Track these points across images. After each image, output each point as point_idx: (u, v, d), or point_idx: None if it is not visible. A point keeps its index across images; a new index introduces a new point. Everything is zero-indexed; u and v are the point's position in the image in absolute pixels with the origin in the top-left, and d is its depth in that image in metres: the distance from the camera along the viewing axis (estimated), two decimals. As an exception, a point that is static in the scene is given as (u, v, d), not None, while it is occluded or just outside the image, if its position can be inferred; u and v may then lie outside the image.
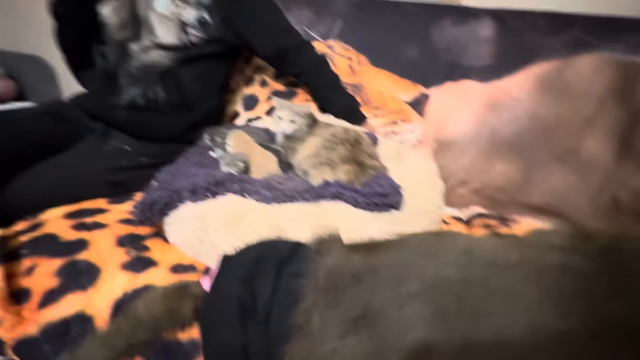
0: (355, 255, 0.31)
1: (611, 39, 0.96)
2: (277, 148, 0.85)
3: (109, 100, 0.79)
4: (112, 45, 0.81)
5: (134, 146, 0.81)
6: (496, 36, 1.02)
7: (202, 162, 0.76)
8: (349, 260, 0.30)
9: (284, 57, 0.93)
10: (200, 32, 0.83)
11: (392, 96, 1.05)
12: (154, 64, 0.81)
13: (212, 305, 0.35)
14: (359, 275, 0.28)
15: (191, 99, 0.86)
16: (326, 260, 0.31)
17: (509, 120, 0.99)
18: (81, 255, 0.57)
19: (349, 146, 0.72)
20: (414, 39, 1.05)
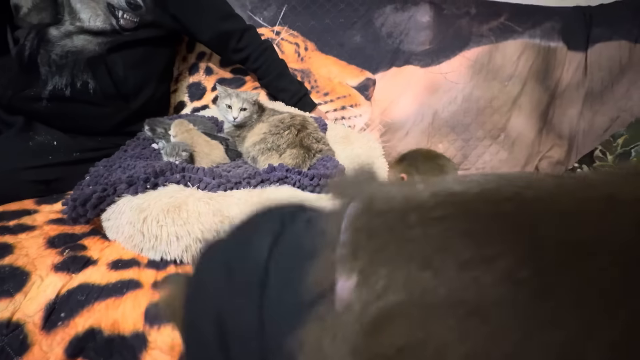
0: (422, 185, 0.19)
1: (531, 26, 1.06)
2: (225, 137, 0.84)
3: (28, 91, 0.71)
4: (25, 29, 0.72)
5: (63, 141, 0.74)
6: (433, 22, 1.07)
7: (141, 154, 0.72)
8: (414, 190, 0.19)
9: (227, 42, 0.90)
10: (131, 16, 0.78)
11: (339, 82, 1.07)
12: (79, 50, 0.74)
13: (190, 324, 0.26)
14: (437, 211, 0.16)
15: (127, 88, 0.80)
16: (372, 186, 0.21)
17: (447, 102, 1.07)
18: (4, 260, 0.52)
19: (295, 131, 0.73)
20: (358, 25, 1.07)
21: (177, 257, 0.53)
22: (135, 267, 0.53)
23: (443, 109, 1.07)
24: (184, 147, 0.67)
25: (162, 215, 0.52)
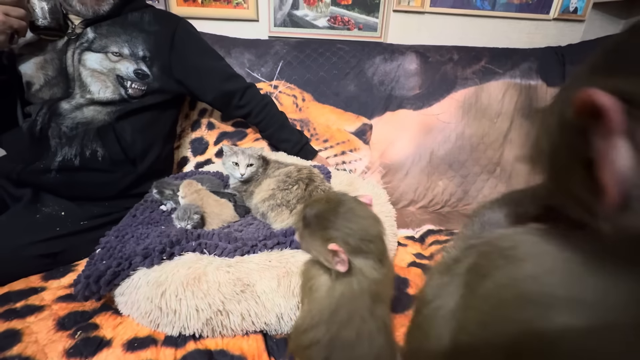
0: None
1: (510, 67, 1.15)
2: (232, 192, 0.85)
3: (38, 164, 0.72)
4: (37, 105, 0.74)
5: (71, 210, 0.74)
6: (420, 69, 1.15)
7: (152, 219, 0.72)
8: None
9: (230, 101, 0.95)
10: (139, 84, 0.81)
11: (338, 128, 1.11)
12: (89, 120, 0.76)
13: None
14: None
15: (134, 153, 0.82)
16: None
17: (442, 141, 1.11)
18: (12, 350, 0.49)
19: (304, 185, 0.74)
20: (351, 75, 1.14)
21: (196, 331, 0.52)
22: (152, 346, 0.51)
23: (439, 148, 1.12)
24: (195, 209, 0.68)
25: (181, 288, 0.51)
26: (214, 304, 0.50)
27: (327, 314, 0.37)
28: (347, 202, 0.38)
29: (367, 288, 0.37)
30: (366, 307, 0.37)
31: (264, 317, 0.52)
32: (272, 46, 1.15)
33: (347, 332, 0.37)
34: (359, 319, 0.37)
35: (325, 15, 1.26)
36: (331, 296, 0.38)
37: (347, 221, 0.37)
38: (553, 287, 0.16)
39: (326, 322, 0.37)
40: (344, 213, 0.37)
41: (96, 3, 0.77)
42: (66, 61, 0.77)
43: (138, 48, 0.82)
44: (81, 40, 0.78)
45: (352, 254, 0.37)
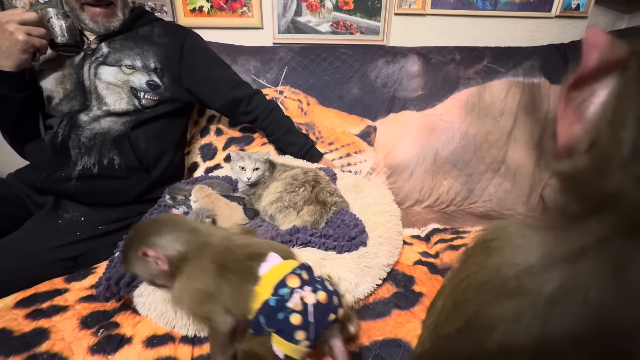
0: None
1: (512, 66, 1.16)
2: (241, 196, 0.88)
3: (59, 173, 0.76)
4: (58, 117, 0.79)
5: (90, 216, 0.78)
6: (423, 70, 1.17)
7: (166, 223, 0.75)
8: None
9: (237, 108, 0.98)
10: (151, 95, 0.85)
11: (342, 131, 1.14)
12: (106, 131, 0.80)
13: None
14: None
15: (148, 160, 0.85)
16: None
17: (446, 141, 1.13)
18: (41, 347, 0.53)
19: (310, 187, 0.77)
20: (354, 78, 1.16)
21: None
22: (170, 343, 0.54)
23: (443, 148, 1.13)
24: (207, 213, 0.71)
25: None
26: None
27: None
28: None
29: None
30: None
31: None
32: (276, 52, 1.19)
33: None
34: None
35: (327, 21, 1.29)
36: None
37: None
38: (511, 277, 0.16)
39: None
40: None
41: (107, 20, 0.82)
42: (83, 75, 0.81)
43: (149, 60, 0.86)
44: (96, 55, 0.83)
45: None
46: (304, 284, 0.42)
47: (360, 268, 0.61)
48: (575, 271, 0.14)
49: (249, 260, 0.47)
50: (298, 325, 0.39)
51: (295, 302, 0.40)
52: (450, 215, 1.06)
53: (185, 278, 0.46)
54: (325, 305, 0.42)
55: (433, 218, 1.01)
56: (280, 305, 0.41)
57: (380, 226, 0.72)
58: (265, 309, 0.41)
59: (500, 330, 0.15)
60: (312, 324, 0.40)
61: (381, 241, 0.68)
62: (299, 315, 0.40)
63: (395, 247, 0.71)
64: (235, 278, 0.45)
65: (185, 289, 0.46)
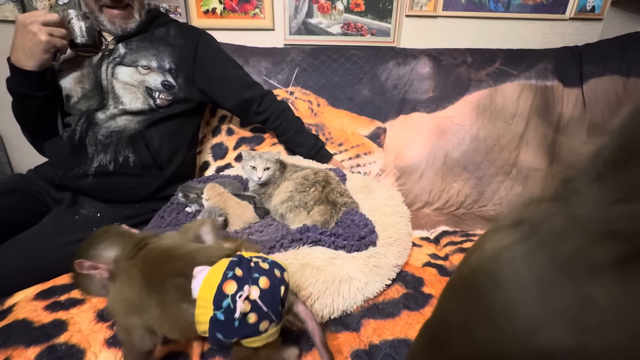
0: None
1: (525, 68, 1.15)
2: (252, 195, 0.89)
3: (77, 170, 0.78)
4: (76, 115, 0.81)
5: (105, 212, 0.80)
6: (434, 72, 1.16)
7: (178, 220, 0.77)
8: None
9: (249, 108, 0.99)
10: (166, 95, 0.87)
11: (352, 132, 1.14)
12: (122, 129, 0.82)
13: None
14: None
15: (162, 158, 0.87)
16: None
17: (456, 143, 1.12)
18: (60, 338, 0.54)
19: (320, 187, 0.78)
20: (364, 80, 1.17)
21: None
22: (183, 337, 0.55)
23: (453, 150, 1.12)
24: (219, 212, 0.72)
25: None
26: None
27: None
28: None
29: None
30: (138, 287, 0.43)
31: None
32: (287, 54, 1.20)
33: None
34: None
35: (338, 22, 1.29)
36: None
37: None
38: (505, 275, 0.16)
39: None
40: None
41: (124, 22, 0.84)
42: (101, 75, 0.84)
43: (165, 61, 0.88)
44: (114, 56, 0.85)
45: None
46: (241, 284, 0.40)
47: (370, 267, 0.62)
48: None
49: (178, 276, 0.43)
50: (257, 321, 0.39)
51: (242, 306, 0.39)
52: (460, 218, 1.05)
53: (118, 284, 0.45)
54: (270, 287, 0.41)
55: (442, 220, 1.01)
56: (229, 315, 0.39)
57: (389, 227, 0.72)
58: (216, 325, 0.39)
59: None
60: (268, 312, 0.40)
61: (391, 242, 0.68)
62: (253, 313, 0.39)
63: (404, 248, 0.71)
64: (164, 298, 0.42)
65: (116, 296, 0.45)
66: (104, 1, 0.79)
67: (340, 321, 0.58)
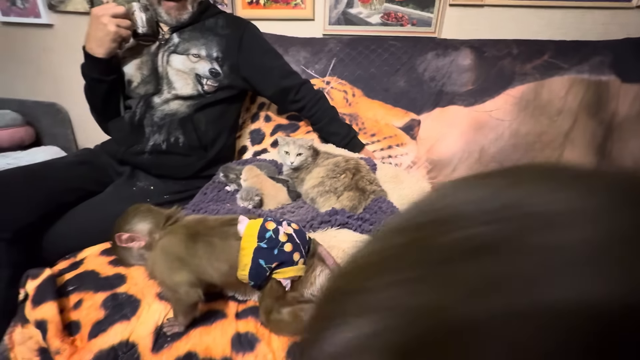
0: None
1: (577, 62, 1.07)
2: (285, 178, 0.94)
3: (135, 147, 0.89)
4: (135, 99, 0.91)
5: (158, 185, 0.90)
6: (475, 64, 1.13)
7: (219, 197, 0.84)
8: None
9: (286, 96, 1.04)
10: (212, 81, 0.94)
11: (385, 123, 1.15)
12: (174, 112, 0.91)
13: None
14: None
15: (207, 140, 0.95)
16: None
17: (493, 139, 1.09)
18: (121, 288, 0.64)
19: (351, 174, 0.81)
20: (401, 71, 1.16)
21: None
22: (220, 299, 0.62)
23: (490, 145, 1.09)
24: (256, 192, 0.78)
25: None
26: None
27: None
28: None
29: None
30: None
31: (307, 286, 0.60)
32: (326, 44, 1.22)
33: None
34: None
35: (378, 12, 1.29)
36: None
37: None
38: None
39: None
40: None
41: (179, 13, 0.91)
42: (157, 62, 0.92)
43: (212, 50, 0.95)
44: (169, 45, 0.93)
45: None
46: (279, 224, 0.52)
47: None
48: None
49: (222, 226, 0.54)
50: (292, 250, 0.49)
51: (282, 235, 0.50)
52: (492, 215, 1.03)
53: (159, 249, 0.53)
54: (299, 230, 0.53)
55: (473, 216, 1.00)
56: (271, 244, 0.49)
57: (417, 217, 0.74)
58: (260, 253, 0.49)
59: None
60: (299, 244, 0.50)
61: (417, 231, 0.70)
62: (289, 243, 0.49)
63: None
64: (212, 240, 0.52)
65: (158, 259, 0.53)
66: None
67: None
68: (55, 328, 0.56)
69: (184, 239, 0.53)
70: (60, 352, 0.55)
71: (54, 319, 0.56)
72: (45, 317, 0.56)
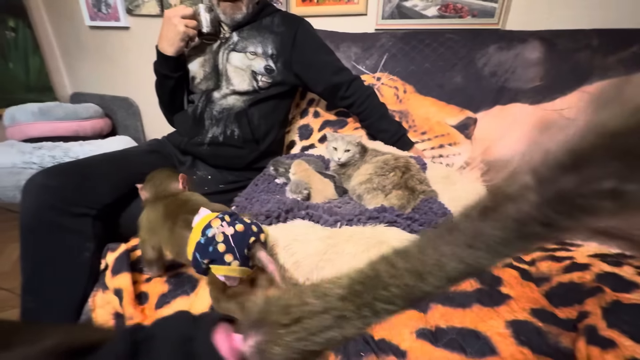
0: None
1: (677, 54, 0.92)
2: (333, 174, 0.95)
3: (196, 139, 0.96)
4: (198, 94, 0.99)
5: (214, 175, 0.97)
6: (545, 58, 1.03)
7: (269, 189, 0.88)
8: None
9: (336, 92, 1.05)
10: (267, 78, 0.98)
11: (438, 121, 1.10)
12: (231, 107, 0.97)
13: None
14: None
15: (259, 134, 1.00)
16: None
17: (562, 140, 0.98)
18: (182, 269, 0.70)
19: (400, 173, 0.79)
20: (459, 66, 1.10)
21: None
22: (269, 285, 0.65)
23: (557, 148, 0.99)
24: (304, 185, 0.80)
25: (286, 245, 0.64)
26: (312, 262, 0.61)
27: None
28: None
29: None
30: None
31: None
32: (378, 39, 1.20)
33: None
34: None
35: (436, 4, 1.23)
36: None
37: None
38: None
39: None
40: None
41: (233, 13, 0.95)
42: (218, 60, 0.99)
43: (268, 47, 0.98)
44: (229, 43, 0.99)
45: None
46: (224, 223, 0.54)
47: (445, 257, 0.62)
48: None
49: (189, 214, 0.58)
50: (224, 251, 0.51)
51: (219, 235, 0.52)
52: (556, 224, 0.94)
53: (146, 210, 0.64)
54: (242, 232, 0.53)
55: (533, 224, 0.92)
56: (208, 241, 0.52)
57: (470, 220, 0.70)
58: (198, 247, 0.53)
59: None
60: (234, 248, 0.51)
61: (470, 235, 0.67)
62: (222, 244, 0.51)
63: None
64: (175, 224, 0.59)
65: (143, 217, 0.64)
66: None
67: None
68: (129, 297, 0.64)
69: (159, 215, 0.62)
70: (133, 318, 0.62)
71: (128, 288, 0.63)
72: (122, 286, 0.64)
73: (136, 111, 1.96)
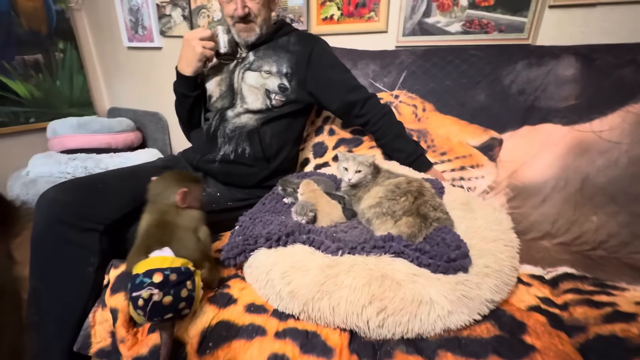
0: None
1: None
2: (342, 195, 0.91)
3: (208, 156, 0.97)
4: (213, 112, 1.00)
5: (223, 193, 0.96)
6: (581, 75, 0.94)
7: (276, 209, 0.86)
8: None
9: (351, 110, 1.02)
10: (280, 96, 0.98)
11: (459, 141, 1.03)
12: (243, 125, 0.97)
13: None
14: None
15: (270, 152, 0.99)
16: None
17: (603, 165, 0.88)
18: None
19: (412, 198, 0.73)
20: (482, 83, 1.03)
21: (294, 313, 0.59)
22: (264, 313, 0.62)
23: (597, 174, 0.89)
24: (310, 207, 0.77)
25: (284, 272, 0.60)
26: (309, 293, 0.57)
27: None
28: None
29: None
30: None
31: (352, 315, 0.55)
32: (397, 56, 1.17)
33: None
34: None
35: (459, 20, 1.18)
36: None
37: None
38: None
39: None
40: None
41: (247, 34, 0.96)
42: (234, 79, 1.00)
43: (283, 66, 0.98)
44: (245, 62, 1.00)
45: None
46: (163, 285, 0.53)
47: (457, 296, 0.55)
48: None
49: (157, 243, 0.59)
50: (140, 306, 0.52)
51: (145, 292, 0.52)
52: (596, 261, 0.82)
53: (144, 213, 0.66)
54: (165, 306, 0.53)
55: (567, 260, 0.81)
56: (137, 286, 0.52)
57: (489, 255, 0.63)
58: (131, 280, 0.54)
59: None
60: (148, 312, 0.52)
61: (487, 272, 0.59)
62: (142, 300, 0.52)
63: (505, 283, 0.61)
64: (150, 239, 0.60)
65: (143, 217, 0.66)
66: (235, 18, 0.93)
67: (413, 343, 0.54)
68: (124, 318, 0.63)
69: (144, 224, 0.63)
70: (124, 342, 0.61)
71: (124, 309, 0.63)
72: (117, 306, 0.64)
73: (164, 125, 2.06)
